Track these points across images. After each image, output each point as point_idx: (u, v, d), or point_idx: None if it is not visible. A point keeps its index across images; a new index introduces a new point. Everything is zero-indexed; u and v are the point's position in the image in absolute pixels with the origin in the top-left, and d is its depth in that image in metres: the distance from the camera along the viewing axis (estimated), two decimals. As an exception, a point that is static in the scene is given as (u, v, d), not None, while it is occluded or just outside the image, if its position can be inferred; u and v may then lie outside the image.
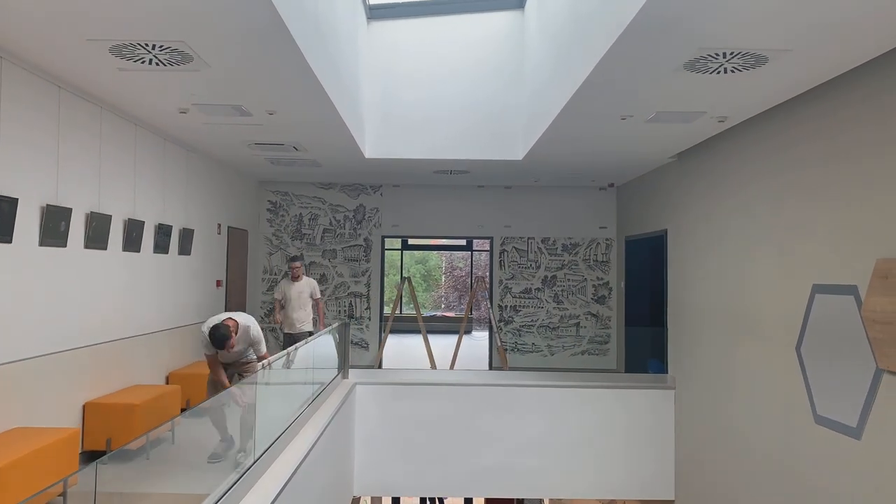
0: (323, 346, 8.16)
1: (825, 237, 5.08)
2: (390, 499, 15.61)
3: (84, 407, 6.08)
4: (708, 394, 7.20)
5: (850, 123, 4.81)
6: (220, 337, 5.55)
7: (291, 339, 8.53)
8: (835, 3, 3.64)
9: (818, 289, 5.12)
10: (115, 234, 6.58)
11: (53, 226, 5.50)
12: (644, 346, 9.73)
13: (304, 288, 8.68)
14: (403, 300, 10.77)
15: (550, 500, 12.96)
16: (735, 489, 6.45)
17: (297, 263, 8.66)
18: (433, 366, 10.34)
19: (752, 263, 6.25)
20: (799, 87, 5.21)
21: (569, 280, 11.33)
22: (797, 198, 5.48)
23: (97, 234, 6.21)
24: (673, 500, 8.06)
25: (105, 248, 6.39)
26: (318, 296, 8.84)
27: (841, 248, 4.88)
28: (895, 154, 4.33)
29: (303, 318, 8.65)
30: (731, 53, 4.47)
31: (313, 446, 5.62)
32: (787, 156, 5.67)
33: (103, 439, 6.04)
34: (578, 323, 11.20)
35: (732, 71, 4.81)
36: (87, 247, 6.08)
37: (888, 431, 4.35)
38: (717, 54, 4.50)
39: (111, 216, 6.43)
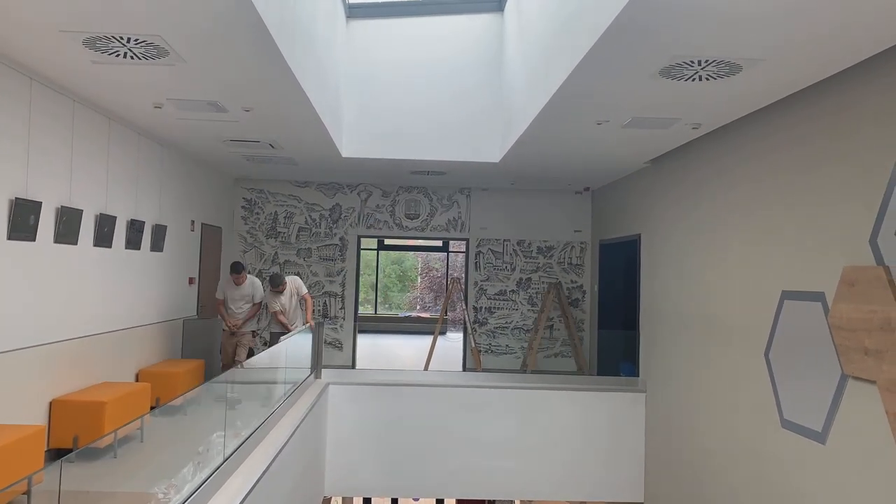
0: (296, 346, 8.12)
1: (795, 244, 5.17)
2: (361, 499, 15.59)
3: (50, 404, 5.98)
4: (678, 397, 7.28)
5: (821, 133, 4.90)
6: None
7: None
8: (806, 17, 3.71)
9: (787, 295, 5.21)
10: (87, 229, 6.49)
11: (22, 220, 5.41)
12: (616, 349, 9.81)
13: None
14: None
15: (521, 501, 13.02)
16: (703, 492, 6.53)
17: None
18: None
19: (723, 269, 6.33)
20: (771, 96, 5.30)
21: (543, 283, 11.39)
22: (768, 205, 5.57)
23: (68, 228, 6.12)
24: (642, 502, 8.14)
25: (76, 244, 6.30)
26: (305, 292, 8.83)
27: (810, 255, 4.96)
28: (863, 165, 4.42)
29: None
30: (706, 62, 4.54)
31: (284, 446, 5.60)
32: (758, 164, 5.76)
33: (70, 437, 5.95)
34: (552, 325, 11.26)
35: (707, 79, 4.88)
36: (56, 241, 5.99)
37: (852, 436, 4.44)
38: (693, 62, 4.57)
39: (82, 211, 6.34)
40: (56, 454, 5.85)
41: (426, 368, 10.25)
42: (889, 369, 4.00)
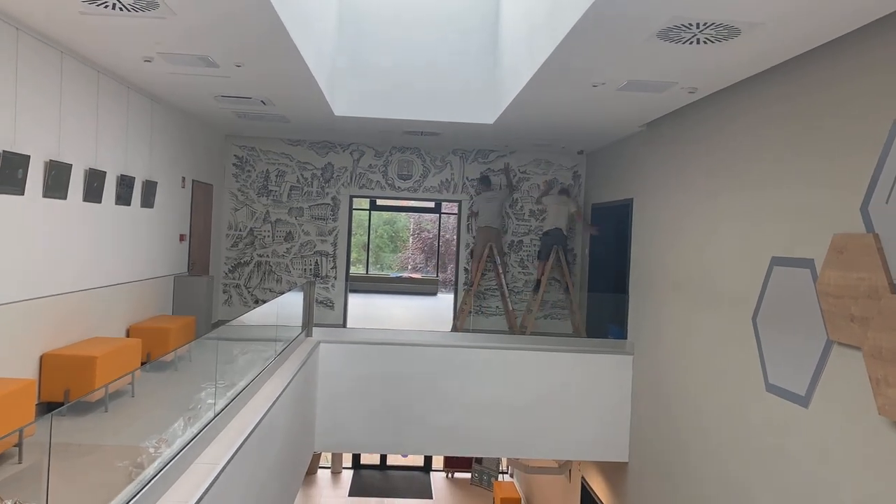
0: (287, 305, 8.15)
1: (786, 211, 5.18)
2: (350, 455, 15.83)
3: (41, 358, 6.00)
4: (665, 360, 7.37)
5: (815, 101, 4.88)
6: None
7: None
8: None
9: (777, 261, 5.24)
10: (76, 184, 6.43)
11: (10, 173, 5.35)
12: (606, 312, 9.88)
13: None
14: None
15: (508, 459, 13.24)
16: (686, 452, 6.65)
17: None
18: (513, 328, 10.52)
19: (715, 234, 6.36)
20: (768, 61, 5.25)
21: (535, 245, 11.40)
22: (761, 172, 5.57)
23: (56, 183, 6.06)
24: (626, 462, 8.29)
25: (65, 198, 6.24)
26: None
27: (801, 222, 4.98)
28: (856, 133, 4.42)
29: None
30: (705, 24, 4.48)
31: (275, 402, 5.65)
32: (752, 130, 5.74)
33: (61, 391, 5.98)
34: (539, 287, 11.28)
35: (705, 42, 4.83)
36: (46, 196, 5.94)
37: (834, 400, 4.52)
38: (691, 24, 4.51)
39: (71, 165, 6.28)
40: (47, 408, 5.88)
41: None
42: (874, 336, 4.05)
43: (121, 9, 4.96)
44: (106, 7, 4.94)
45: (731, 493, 5.74)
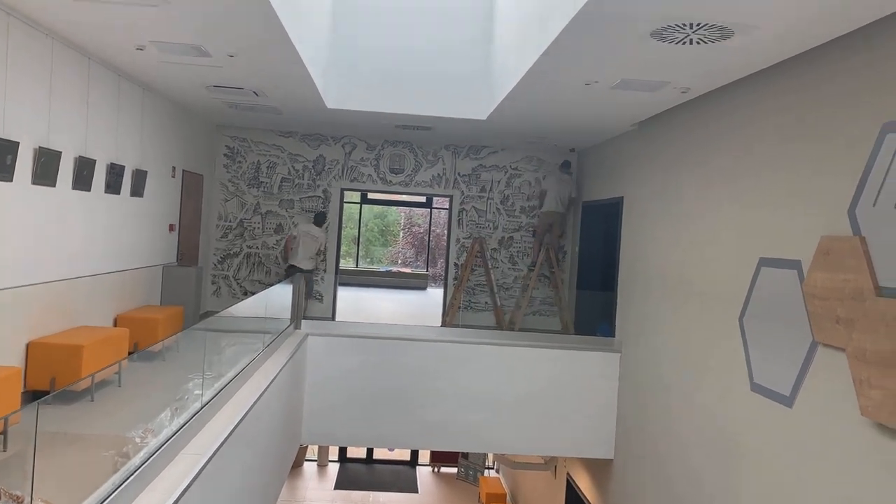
0: (276, 296, 8.14)
1: (775, 212, 5.22)
2: (337, 448, 15.83)
3: (28, 346, 5.96)
4: (652, 358, 7.41)
5: (806, 103, 4.91)
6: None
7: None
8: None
9: (764, 262, 5.28)
10: (65, 172, 6.39)
11: (-1, 159, 5.32)
12: (594, 309, 9.92)
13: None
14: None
15: (494, 454, 13.28)
16: (672, 450, 6.70)
17: None
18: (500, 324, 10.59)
19: (703, 234, 6.39)
20: (761, 62, 5.28)
21: (525, 241, 11.43)
22: (751, 172, 5.60)
23: (46, 170, 6.02)
24: (612, 460, 8.34)
25: (54, 186, 6.21)
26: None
27: (789, 223, 5.02)
28: (846, 136, 4.45)
29: None
30: (698, 25, 4.50)
31: (262, 394, 5.64)
32: (743, 131, 5.77)
33: (47, 379, 5.95)
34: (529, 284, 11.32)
35: (698, 42, 4.85)
36: (34, 183, 5.90)
37: (818, 401, 4.56)
38: (685, 24, 4.53)
39: (61, 153, 6.24)
40: (33, 396, 5.86)
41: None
42: (858, 337, 4.09)
43: (113, -4, 4.93)
44: (98, -6, 4.91)
45: (715, 491, 5.79)
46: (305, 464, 15.55)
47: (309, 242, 10.14)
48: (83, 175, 6.69)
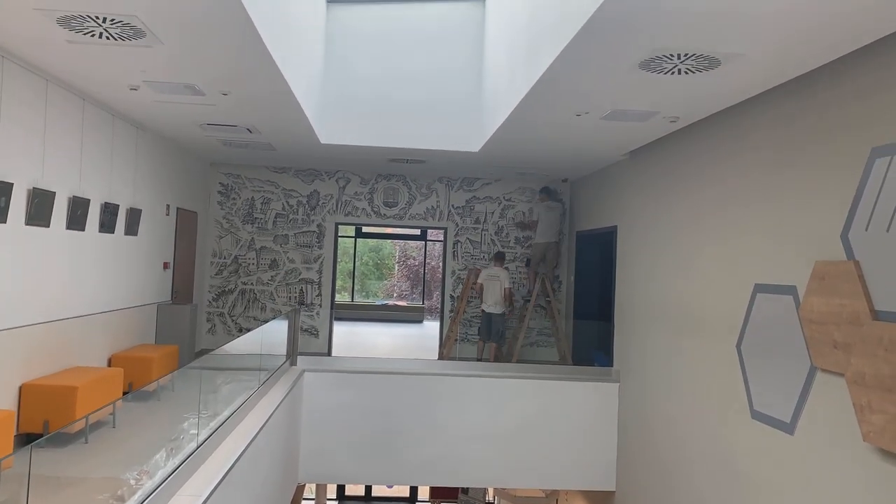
0: (272, 333, 8.09)
1: (769, 238, 5.24)
2: (335, 486, 15.61)
3: (21, 388, 5.89)
4: (651, 387, 7.37)
5: (796, 129, 4.96)
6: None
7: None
8: (786, 16, 3.74)
9: (760, 288, 5.28)
10: (59, 212, 6.38)
11: (-7, 200, 5.31)
12: (591, 339, 9.89)
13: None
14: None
15: (495, 489, 13.11)
16: (674, 481, 6.63)
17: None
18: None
19: (698, 261, 6.40)
20: (749, 91, 5.35)
21: (520, 272, 11.43)
22: (744, 199, 5.64)
23: (40, 210, 6.02)
24: (613, 492, 8.24)
25: (48, 226, 6.20)
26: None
27: (783, 249, 5.03)
28: (836, 161, 4.49)
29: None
30: (686, 55, 4.56)
31: (258, 433, 5.58)
32: (734, 158, 5.82)
33: (40, 422, 5.87)
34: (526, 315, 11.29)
35: (686, 72, 4.91)
36: (28, 224, 5.89)
37: (819, 427, 4.53)
38: (672, 55, 4.59)
39: (55, 193, 6.24)
40: (26, 439, 5.77)
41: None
42: (857, 362, 4.08)
43: (108, 38, 4.98)
44: (93, 36, 4.95)
45: (719, 521, 5.72)
46: (303, 502, 15.31)
47: (493, 285, 10.02)
48: (77, 215, 6.69)
